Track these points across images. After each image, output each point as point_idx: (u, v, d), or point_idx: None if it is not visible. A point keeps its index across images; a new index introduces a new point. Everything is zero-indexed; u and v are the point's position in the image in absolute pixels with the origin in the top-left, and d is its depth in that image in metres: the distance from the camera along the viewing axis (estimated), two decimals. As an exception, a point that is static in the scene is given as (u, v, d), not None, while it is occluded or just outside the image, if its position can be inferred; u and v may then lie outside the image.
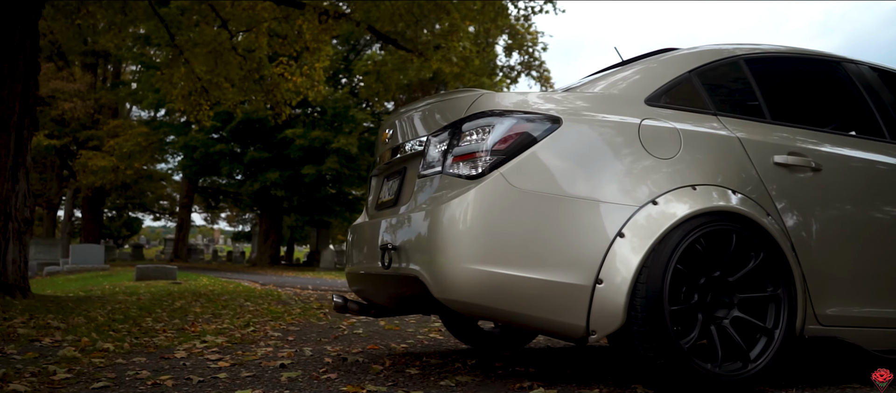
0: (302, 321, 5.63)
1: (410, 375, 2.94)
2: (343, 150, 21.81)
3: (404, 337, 4.58)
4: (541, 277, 2.34)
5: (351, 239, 3.38)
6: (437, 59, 9.35)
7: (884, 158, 2.93)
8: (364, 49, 26.01)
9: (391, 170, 3.13)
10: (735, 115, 2.77)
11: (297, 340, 4.29)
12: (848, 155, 2.86)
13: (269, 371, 3.05)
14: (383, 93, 11.43)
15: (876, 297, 2.78)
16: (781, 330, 2.48)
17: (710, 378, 2.34)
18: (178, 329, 4.87)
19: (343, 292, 3.51)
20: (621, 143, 2.52)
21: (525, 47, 12.44)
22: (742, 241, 2.48)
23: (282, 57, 12.10)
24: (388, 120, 3.26)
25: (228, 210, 39.29)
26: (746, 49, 2.98)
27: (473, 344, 3.90)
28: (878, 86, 3.16)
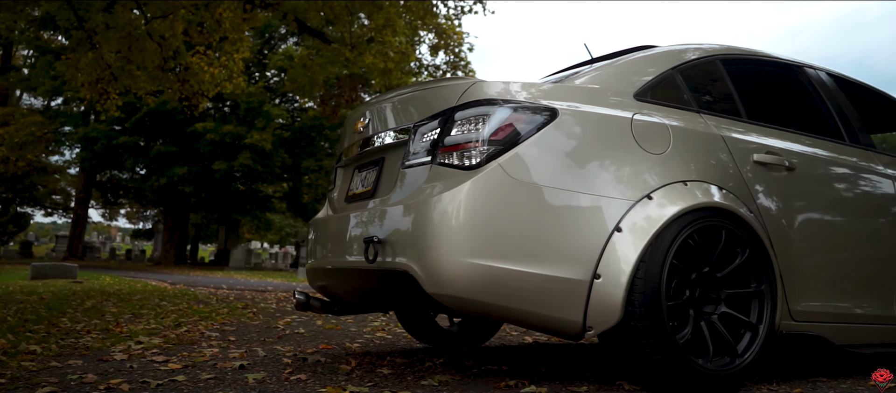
0: (233, 321, 5.36)
1: (385, 375, 2.81)
2: (256, 146, 21.14)
3: (352, 336, 4.42)
4: (537, 271, 2.27)
5: (314, 235, 3.20)
6: (371, 54, 9.17)
7: (846, 159, 3.04)
8: (279, 43, 25.35)
9: (364, 160, 2.98)
10: (716, 114, 2.80)
11: (240, 340, 4.06)
12: (816, 155, 2.95)
13: (230, 373, 2.84)
14: (309, 87, 11.10)
15: (842, 293, 2.87)
16: (765, 325, 2.51)
17: (703, 374, 2.34)
18: (102, 330, 4.52)
19: (304, 290, 3.32)
20: (615, 137, 2.48)
21: (451, 47, 12.40)
22: (730, 237, 2.50)
23: (199, 46, 11.56)
24: (360, 109, 3.11)
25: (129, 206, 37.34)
26: (721, 49, 3.03)
27: (431, 342, 3.80)
28: (834, 91, 3.28)
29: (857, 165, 3.05)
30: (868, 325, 2.94)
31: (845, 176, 3.01)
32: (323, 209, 3.39)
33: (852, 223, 2.97)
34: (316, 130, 23.54)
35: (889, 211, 3.07)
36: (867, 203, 3.04)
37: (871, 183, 3.07)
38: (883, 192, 3.08)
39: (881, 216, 3.04)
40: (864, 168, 3.07)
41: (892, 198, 3.09)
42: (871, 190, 3.06)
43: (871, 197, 3.05)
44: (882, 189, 3.08)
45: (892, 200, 3.09)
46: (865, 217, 3.01)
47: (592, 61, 3.37)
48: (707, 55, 2.94)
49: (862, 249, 2.97)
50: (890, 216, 3.06)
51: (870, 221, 3.02)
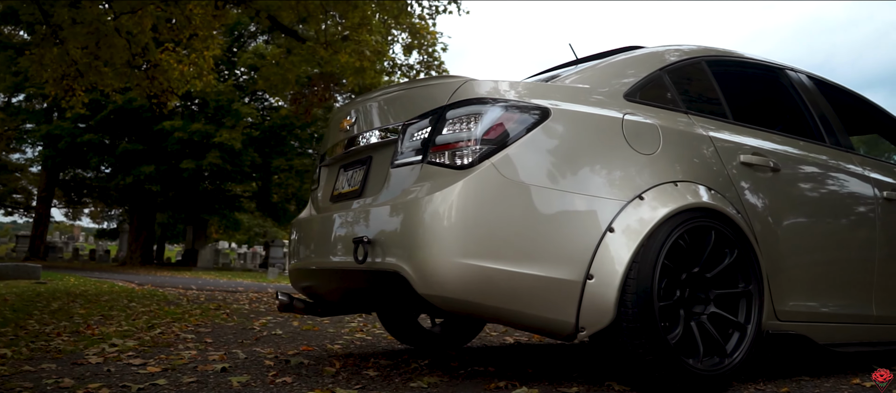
0: (207, 322, 5.27)
1: (372, 378, 2.77)
2: (226, 145, 20.85)
3: (332, 338, 4.37)
4: (530, 271, 2.25)
5: (297, 235, 3.15)
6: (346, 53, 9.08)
7: (827, 161, 3.08)
8: (249, 41, 25.05)
9: (350, 159, 2.94)
10: (702, 114, 2.82)
11: (217, 343, 3.98)
12: (798, 157, 2.98)
13: (213, 376, 2.78)
14: (282, 85, 10.95)
15: (824, 293, 2.91)
16: (753, 325, 2.53)
17: (693, 374, 2.35)
18: (72, 332, 4.40)
19: (287, 291, 3.27)
20: (607, 138, 2.48)
21: (425, 47, 12.36)
22: (720, 237, 2.51)
23: (168, 43, 11.36)
24: (346, 107, 3.07)
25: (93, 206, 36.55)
26: (706, 51, 3.05)
27: (413, 343, 3.77)
28: (815, 93, 3.33)
29: (837, 167, 3.09)
30: (849, 324, 2.98)
31: (826, 178, 3.05)
32: (306, 209, 3.33)
33: (833, 224, 3.01)
34: (286, 129, 23.31)
35: (867, 213, 3.12)
36: (847, 204, 3.08)
37: (850, 185, 3.11)
38: (861, 194, 3.13)
39: (860, 217, 3.09)
40: (845, 170, 3.12)
41: (870, 200, 3.14)
42: (850, 191, 3.10)
43: (851, 198, 3.10)
44: (861, 191, 3.13)
45: (870, 202, 3.14)
46: (845, 218, 3.06)
47: (577, 62, 3.37)
48: (693, 56, 2.96)
49: (842, 250, 3.01)
50: (868, 217, 3.11)
51: (849, 222, 3.06)
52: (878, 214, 3.13)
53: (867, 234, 3.08)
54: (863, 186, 3.14)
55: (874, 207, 3.13)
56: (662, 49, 2.94)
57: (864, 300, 3.03)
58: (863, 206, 3.11)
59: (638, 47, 3.12)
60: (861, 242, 3.06)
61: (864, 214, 3.10)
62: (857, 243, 3.06)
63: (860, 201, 3.11)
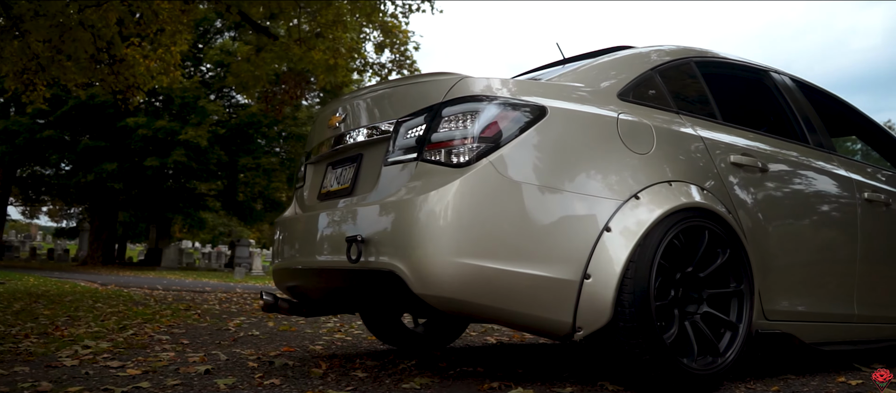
0: (179, 323, 5.16)
1: (361, 379, 2.72)
2: (191, 143, 20.49)
3: (311, 338, 4.30)
4: (528, 271, 2.23)
5: (282, 234, 3.09)
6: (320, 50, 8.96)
7: (810, 162, 3.12)
8: (215, 37, 24.66)
9: (339, 157, 2.88)
10: (693, 115, 2.83)
11: (194, 344, 3.89)
12: (784, 157, 3.01)
13: (197, 378, 2.70)
14: (253, 83, 10.77)
15: (810, 292, 2.95)
16: (745, 324, 2.54)
17: (688, 374, 2.35)
18: (40, 333, 4.26)
19: (271, 291, 3.20)
20: (602, 137, 2.47)
21: (397, 45, 12.29)
22: (712, 237, 2.52)
23: (133, 38, 11.10)
24: (334, 104, 3.01)
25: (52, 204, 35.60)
26: (695, 52, 3.06)
27: (396, 344, 3.72)
28: (798, 95, 3.37)
29: (820, 168, 3.14)
30: (833, 323, 3.02)
31: (810, 178, 3.09)
32: (290, 208, 3.27)
33: (817, 224, 3.05)
34: (253, 127, 23.00)
35: (848, 213, 3.16)
36: (830, 205, 3.13)
37: (833, 185, 3.16)
38: (843, 195, 3.18)
39: (842, 218, 3.14)
40: (827, 171, 3.16)
41: (851, 200, 3.19)
42: (833, 192, 3.15)
43: (834, 199, 3.14)
44: (843, 192, 3.18)
45: (851, 203, 3.19)
46: (829, 218, 3.10)
47: (564, 61, 3.37)
48: (683, 57, 2.97)
49: (826, 250, 3.05)
50: (849, 218, 3.16)
51: (832, 222, 3.11)
52: (859, 215, 3.18)
53: (849, 234, 3.13)
54: (845, 187, 3.19)
55: (855, 207, 3.18)
56: (652, 49, 2.94)
57: (846, 300, 3.08)
58: (845, 206, 3.15)
59: (625, 47, 3.12)
60: (843, 243, 3.11)
61: (846, 214, 3.15)
62: (839, 243, 3.10)
63: (842, 202, 3.16)
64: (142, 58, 10.93)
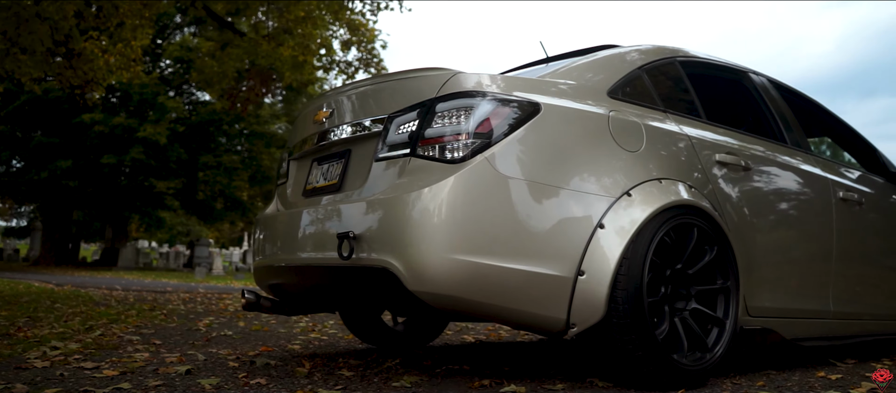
0: (146, 323, 5.04)
1: (348, 378, 2.68)
2: (150, 140, 20.02)
3: (286, 338, 4.24)
4: (523, 267, 2.22)
5: (263, 231, 3.03)
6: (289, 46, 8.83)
7: (788, 162, 3.18)
8: (175, 32, 24.16)
9: (326, 152, 2.83)
10: (679, 113, 2.85)
11: (167, 344, 3.80)
12: (765, 157, 3.06)
13: (178, 379, 2.63)
14: (218, 79, 10.55)
15: (790, 289, 3.00)
16: (732, 320, 2.58)
17: (679, 369, 2.37)
18: (1, 335, 4.11)
19: (253, 289, 3.14)
20: (595, 134, 2.48)
21: (364, 43, 12.20)
22: (701, 234, 2.55)
23: (93, 31, 10.80)
24: (319, 99, 2.96)
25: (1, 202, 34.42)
26: (679, 52, 3.10)
27: (375, 342, 3.69)
28: (776, 96, 3.44)
29: (799, 168, 3.20)
30: (811, 319, 3.09)
31: (790, 178, 3.15)
32: (271, 204, 3.21)
33: (797, 223, 3.11)
34: (214, 125, 22.58)
35: (825, 212, 3.23)
36: (808, 204, 3.19)
37: (810, 185, 3.22)
38: (821, 194, 3.25)
39: (819, 217, 3.21)
40: (805, 171, 3.23)
41: (828, 200, 3.26)
42: (811, 192, 3.21)
43: (811, 198, 3.21)
44: (820, 191, 3.25)
45: (828, 202, 3.26)
46: (807, 217, 3.16)
47: (548, 60, 3.37)
48: (667, 57, 3.00)
49: (805, 248, 3.12)
50: (826, 217, 3.23)
51: (810, 220, 3.17)
52: (835, 214, 3.25)
53: (826, 232, 3.20)
54: (821, 187, 3.26)
55: (831, 206, 3.25)
56: (638, 48, 2.96)
57: (823, 296, 3.15)
58: (822, 205, 3.22)
59: (609, 46, 3.14)
60: (821, 241, 3.18)
61: (823, 213, 3.21)
62: (817, 242, 3.17)
63: (819, 201, 3.22)
64: (101, 52, 10.64)
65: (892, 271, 3.62)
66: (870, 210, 3.48)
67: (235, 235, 43.65)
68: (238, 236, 44.13)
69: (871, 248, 3.50)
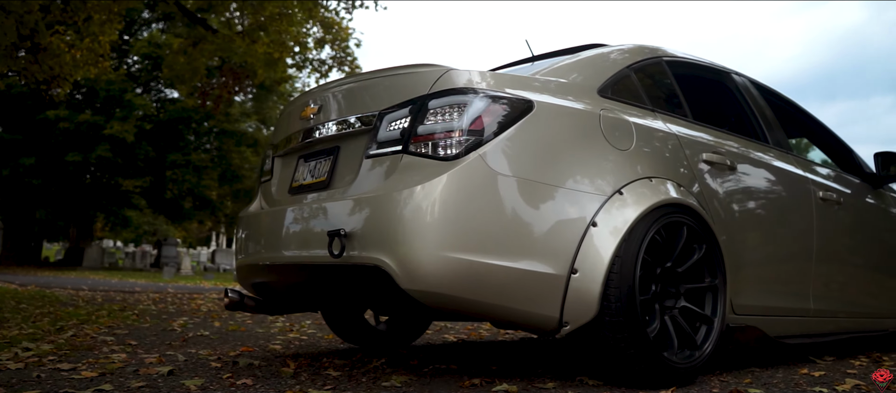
0: (118, 324, 4.93)
1: (336, 377, 2.64)
2: (117, 137, 19.63)
3: (265, 338, 4.18)
4: (517, 266, 2.21)
5: (247, 229, 2.98)
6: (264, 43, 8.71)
7: (771, 162, 3.22)
8: (143, 28, 23.73)
9: (313, 149, 2.79)
10: (667, 113, 2.87)
11: (143, 345, 3.71)
12: (749, 156, 3.10)
13: (161, 380, 2.56)
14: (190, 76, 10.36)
15: (773, 287, 3.04)
16: (719, 318, 2.60)
17: (670, 367, 2.38)
18: (-33, 336, 3.99)
19: (236, 288, 3.08)
20: (587, 133, 2.47)
21: (338, 42, 12.10)
22: (690, 233, 2.56)
23: (59, 26, 10.55)
24: (307, 96, 2.91)
25: (-41, 200, 33.45)
26: (665, 52, 3.12)
27: (357, 342, 3.65)
28: (757, 96, 3.48)
29: (781, 168, 3.24)
30: (793, 317, 3.13)
31: (773, 177, 3.18)
32: (255, 202, 3.15)
33: (779, 222, 3.15)
34: (183, 123, 22.22)
35: (806, 212, 3.28)
36: (790, 203, 3.23)
37: (792, 185, 3.26)
38: (802, 194, 3.29)
39: (801, 216, 3.25)
40: (787, 171, 3.27)
41: (808, 199, 3.30)
42: (792, 191, 3.26)
43: (793, 198, 3.25)
44: (801, 191, 3.29)
45: (808, 202, 3.30)
46: (789, 216, 3.20)
47: (534, 59, 3.37)
48: (654, 57, 3.01)
49: (786, 246, 3.16)
50: (807, 216, 3.27)
51: (793, 220, 3.21)
52: (815, 214, 3.30)
53: (807, 232, 3.24)
54: (802, 187, 3.30)
55: (811, 206, 3.30)
56: (627, 47, 2.97)
57: (804, 295, 3.19)
58: (803, 205, 3.27)
59: (595, 45, 3.15)
60: (802, 240, 3.22)
61: (805, 213, 3.26)
62: (799, 241, 3.21)
63: (801, 201, 3.27)
64: (67, 47, 10.40)
65: (866, 270, 3.69)
66: (847, 210, 3.54)
67: (203, 234, 43.06)
68: (206, 236, 43.56)
69: (848, 247, 3.56)
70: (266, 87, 21.41)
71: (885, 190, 3.99)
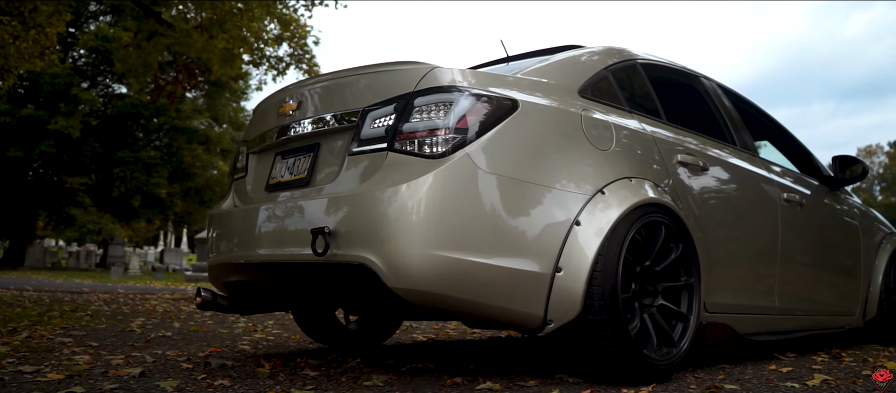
0: (73, 324, 4.78)
1: (314, 377, 2.61)
2: (62, 133, 19.00)
3: (231, 338, 4.10)
4: (503, 264, 2.21)
5: (220, 228, 2.91)
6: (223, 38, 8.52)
7: (739, 163, 3.30)
8: (90, 21, 23.02)
9: (291, 146, 2.74)
10: (643, 114, 2.91)
11: (105, 346, 3.60)
12: (719, 158, 3.17)
13: (134, 382, 2.49)
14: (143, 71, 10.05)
15: (742, 286, 3.11)
16: (695, 316, 2.65)
17: (650, 364, 2.42)
18: (-87, 339, 3.81)
19: (210, 288, 3.01)
20: (569, 132, 2.49)
21: (296, 39, 11.94)
22: (668, 232, 2.60)
23: (3, 16, 10.15)
24: (284, 92, 2.86)
25: None
26: (638, 54, 3.17)
27: (328, 342, 3.61)
28: (724, 100, 3.57)
29: (748, 170, 3.32)
30: (760, 315, 3.21)
31: (741, 179, 3.26)
32: (227, 200, 3.08)
33: (748, 222, 3.23)
34: (132, 119, 21.63)
35: (772, 212, 3.37)
36: (757, 204, 3.32)
37: (758, 186, 3.35)
38: (768, 195, 3.38)
39: (767, 216, 3.34)
40: (754, 173, 3.36)
41: (773, 200, 3.40)
42: (760, 192, 3.34)
43: (761, 199, 3.34)
44: (767, 192, 3.39)
45: (774, 203, 3.40)
46: (757, 217, 3.29)
47: (509, 59, 3.39)
48: (629, 59, 3.06)
49: (754, 246, 3.24)
50: (772, 217, 3.37)
51: (760, 220, 3.30)
52: (780, 214, 3.40)
53: (772, 232, 3.34)
54: (769, 188, 3.40)
55: (777, 207, 3.39)
56: (603, 49, 3.01)
57: (770, 293, 3.28)
58: (769, 205, 3.36)
59: (572, 46, 3.18)
60: (768, 240, 3.31)
61: (770, 214, 3.35)
62: (766, 240, 3.30)
63: (767, 202, 3.36)
64: (11, 38, 10.01)
65: (824, 271, 3.82)
66: (808, 211, 3.66)
67: (151, 233, 41.99)
68: (154, 235, 42.47)
69: (809, 247, 3.67)
70: (219, 84, 21.02)
71: (841, 192, 4.14)
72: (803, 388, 2.46)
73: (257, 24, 8.88)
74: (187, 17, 9.11)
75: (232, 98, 25.90)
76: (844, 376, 2.73)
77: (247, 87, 25.44)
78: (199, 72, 10.98)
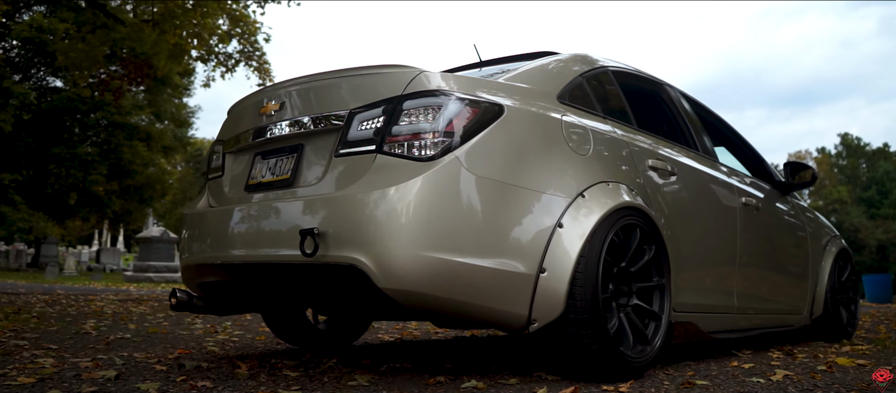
0: (21, 327, 4.61)
1: (296, 378, 2.60)
2: (-8, 127, 18.18)
3: (196, 340, 4.04)
4: (490, 265, 2.27)
5: (194, 228, 2.88)
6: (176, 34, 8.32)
7: (702, 169, 3.44)
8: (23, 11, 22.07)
9: (272, 146, 2.73)
10: (616, 120, 3.01)
11: (65, 349, 3.50)
12: (685, 163, 3.29)
13: (112, 384, 2.44)
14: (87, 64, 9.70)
15: (705, 286, 3.25)
16: (666, 315, 2.76)
17: (626, 361, 2.51)
18: None
19: (184, 289, 2.97)
20: (551, 137, 2.56)
21: (245, 36, 11.75)
22: (643, 234, 2.70)
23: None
24: (266, 92, 2.84)
25: None
26: (609, 62, 3.27)
27: (298, 343, 3.60)
28: (687, 107, 3.71)
29: (711, 175, 3.47)
30: (720, 314, 3.36)
31: (704, 183, 3.40)
32: (201, 200, 3.05)
33: (711, 224, 3.37)
34: (69, 114, 20.86)
35: (731, 215, 3.52)
36: (719, 207, 3.46)
37: (721, 190, 3.50)
38: (728, 199, 3.54)
39: (727, 219, 3.49)
40: (716, 177, 3.50)
41: (733, 204, 3.55)
42: (721, 196, 3.49)
43: (722, 202, 3.49)
44: (727, 196, 3.54)
45: (733, 206, 3.55)
46: (719, 220, 3.43)
47: (481, 64, 3.45)
48: (601, 66, 3.16)
49: (717, 248, 3.38)
50: (732, 220, 3.52)
51: (722, 223, 3.45)
52: (739, 217, 3.55)
53: (732, 234, 3.49)
54: (729, 192, 3.55)
55: (736, 210, 3.55)
56: (577, 55, 3.10)
57: (730, 293, 3.43)
58: (729, 209, 3.51)
59: (546, 53, 3.25)
60: (729, 242, 3.46)
61: (730, 216, 3.50)
62: (726, 242, 3.45)
63: (727, 205, 3.51)
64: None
65: (776, 271, 4.00)
66: (763, 215, 3.84)
67: (85, 232, 40.52)
68: (89, 233, 41.01)
69: (763, 249, 3.85)
70: (161, 80, 20.45)
71: (792, 197, 4.35)
72: (769, 383, 2.59)
73: (211, 20, 8.70)
74: (136, 10, 8.86)
75: (174, 94, 25.26)
76: (802, 371, 2.89)
77: (190, 84, 24.86)
78: (147, 67, 10.69)
